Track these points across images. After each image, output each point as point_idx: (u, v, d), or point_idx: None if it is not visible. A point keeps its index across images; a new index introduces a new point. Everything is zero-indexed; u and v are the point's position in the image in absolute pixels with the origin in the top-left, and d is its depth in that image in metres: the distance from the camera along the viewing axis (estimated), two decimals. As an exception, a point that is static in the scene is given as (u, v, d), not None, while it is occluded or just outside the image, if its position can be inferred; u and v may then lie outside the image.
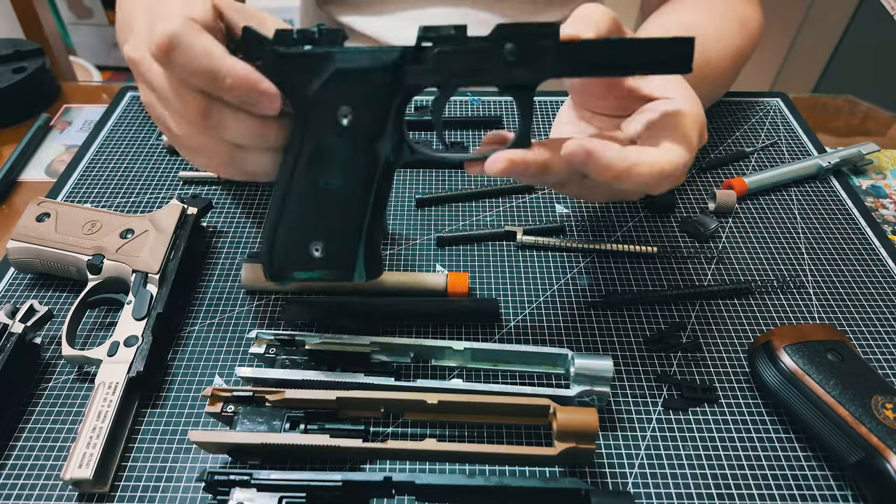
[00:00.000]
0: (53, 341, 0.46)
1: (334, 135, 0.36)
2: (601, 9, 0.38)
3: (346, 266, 0.38)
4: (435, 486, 0.35)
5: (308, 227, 0.37)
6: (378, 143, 0.36)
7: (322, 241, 0.37)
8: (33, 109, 0.67)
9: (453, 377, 0.44)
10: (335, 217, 0.37)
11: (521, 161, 0.35)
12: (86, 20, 1.88)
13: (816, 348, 0.41)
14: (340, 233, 0.37)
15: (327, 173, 0.36)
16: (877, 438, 0.37)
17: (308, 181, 0.36)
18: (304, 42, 0.35)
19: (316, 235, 0.37)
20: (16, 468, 0.39)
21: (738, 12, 0.60)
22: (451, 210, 0.56)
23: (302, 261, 0.38)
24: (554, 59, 0.35)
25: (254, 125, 0.36)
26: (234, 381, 0.43)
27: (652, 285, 0.50)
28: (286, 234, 0.38)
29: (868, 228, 0.55)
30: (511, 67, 0.35)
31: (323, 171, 0.36)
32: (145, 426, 0.41)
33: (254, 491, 0.35)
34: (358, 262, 0.38)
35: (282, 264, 0.38)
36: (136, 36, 0.37)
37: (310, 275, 0.38)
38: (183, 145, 0.38)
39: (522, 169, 0.35)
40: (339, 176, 0.36)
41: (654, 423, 0.41)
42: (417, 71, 0.35)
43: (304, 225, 0.37)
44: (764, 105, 0.69)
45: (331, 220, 0.37)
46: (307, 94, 0.35)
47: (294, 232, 0.38)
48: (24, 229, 0.47)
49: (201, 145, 0.37)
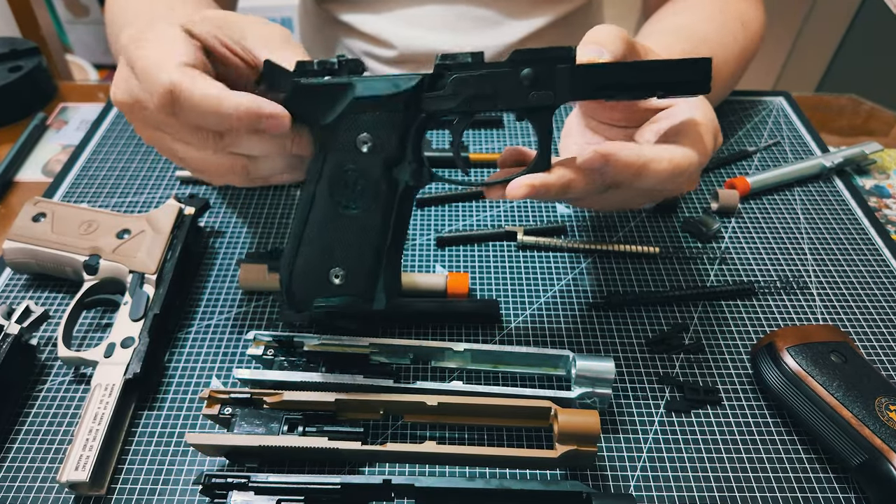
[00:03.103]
0: (49, 342, 0.45)
1: (354, 162, 0.36)
2: (614, 31, 0.37)
3: (366, 293, 0.37)
4: (435, 488, 0.35)
5: (328, 254, 0.37)
6: (397, 169, 0.36)
7: (342, 268, 0.37)
8: (29, 108, 0.67)
9: (453, 379, 0.44)
10: (355, 243, 0.37)
11: (542, 186, 0.35)
12: (82, 19, 1.88)
13: (820, 349, 0.40)
14: (360, 259, 0.37)
15: (347, 199, 0.36)
16: (880, 440, 0.36)
17: (328, 208, 0.37)
18: (324, 73, 0.36)
19: (336, 262, 0.37)
20: (11, 470, 0.39)
21: (740, 13, 0.59)
22: (451, 210, 0.56)
23: (322, 288, 0.37)
24: (570, 83, 0.35)
25: (267, 139, 0.36)
26: (232, 382, 0.43)
27: (654, 286, 0.50)
28: (306, 261, 0.37)
29: (871, 228, 0.55)
30: (528, 91, 0.35)
31: (343, 198, 0.36)
32: (142, 428, 0.41)
33: (251, 494, 0.34)
34: (378, 288, 0.37)
35: (302, 292, 0.38)
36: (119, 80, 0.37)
37: (329, 301, 0.38)
38: (195, 168, 0.38)
39: (544, 192, 0.35)
40: (359, 202, 0.36)
41: (656, 426, 0.41)
42: (435, 97, 0.36)
43: (324, 251, 0.37)
44: (767, 104, 0.68)
45: (351, 246, 0.37)
46: (327, 122, 0.36)
47: (314, 259, 0.37)
48: (21, 229, 0.47)
49: (216, 165, 0.37)
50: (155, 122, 0.36)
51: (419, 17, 0.72)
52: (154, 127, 0.37)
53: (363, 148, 0.36)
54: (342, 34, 0.78)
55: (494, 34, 0.72)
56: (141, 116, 0.37)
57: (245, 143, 0.36)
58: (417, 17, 0.72)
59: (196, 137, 0.36)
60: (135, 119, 0.37)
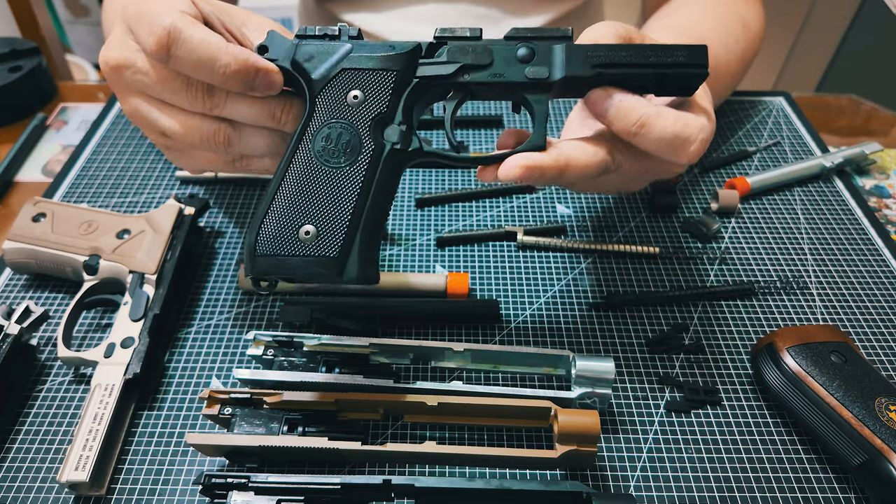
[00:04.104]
0: (49, 343, 0.45)
1: (342, 115, 0.36)
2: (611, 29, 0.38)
3: (336, 260, 0.34)
4: (435, 488, 0.35)
5: (301, 208, 0.35)
6: (385, 128, 0.36)
7: (314, 225, 0.34)
8: (29, 109, 0.67)
9: (453, 379, 0.44)
10: (331, 200, 0.35)
11: (537, 167, 0.34)
12: (83, 18, 1.88)
13: (820, 350, 0.40)
14: (334, 218, 0.35)
15: (330, 154, 0.36)
16: (880, 440, 0.36)
17: (309, 160, 0.36)
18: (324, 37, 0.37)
19: (308, 218, 0.35)
20: (11, 470, 0.39)
21: (741, 14, 0.59)
22: (451, 210, 0.56)
23: (288, 243, 0.34)
24: (565, 61, 0.35)
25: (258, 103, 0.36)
26: (232, 382, 0.43)
27: (654, 286, 0.50)
28: (277, 213, 0.35)
29: (871, 229, 0.55)
30: (523, 66, 0.36)
31: (325, 151, 0.36)
32: (142, 428, 0.41)
33: (251, 494, 0.34)
34: (351, 257, 0.35)
35: (266, 245, 0.35)
36: (112, 42, 0.37)
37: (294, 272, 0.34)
38: (180, 141, 0.38)
39: (538, 175, 0.34)
40: (342, 157, 0.36)
41: (656, 426, 0.41)
42: (430, 64, 0.36)
43: (298, 205, 0.35)
44: (766, 104, 0.68)
45: (326, 202, 0.35)
46: (321, 76, 0.36)
47: (285, 211, 0.35)
48: (21, 229, 0.47)
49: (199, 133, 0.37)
50: (142, 84, 0.36)
51: (420, 14, 0.72)
52: (139, 90, 0.37)
53: (352, 103, 0.36)
54: (343, 33, 0.78)
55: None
56: (128, 79, 0.36)
57: (234, 104, 0.36)
58: (419, 14, 0.72)
59: (185, 94, 0.35)
60: (121, 83, 0.37)
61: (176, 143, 0.38)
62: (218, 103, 0.36)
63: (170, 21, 0.33)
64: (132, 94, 0.37)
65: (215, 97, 0.36)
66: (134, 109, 0.38)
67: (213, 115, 0.37)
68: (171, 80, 0.35)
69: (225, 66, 0.33)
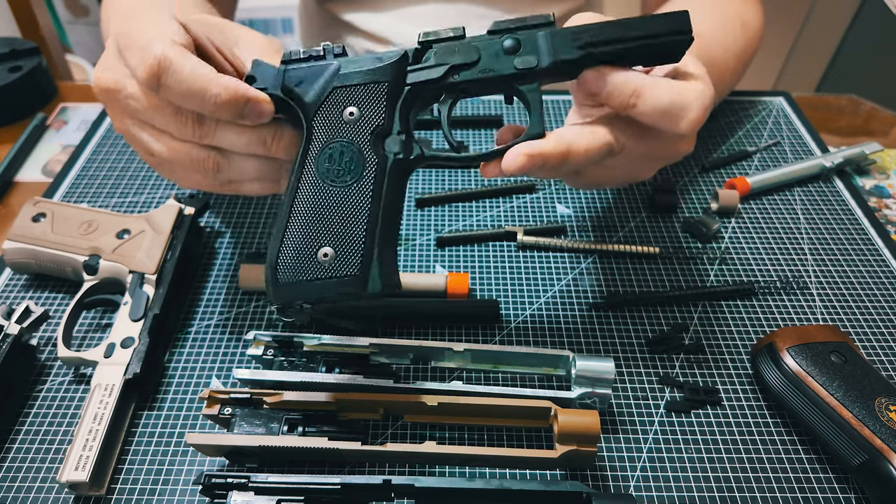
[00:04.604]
0: (49, 343, 0.45)
1: (340, 133, 0.36)
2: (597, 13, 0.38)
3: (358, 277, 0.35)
4: (435, 489, 0.35)
5: (315, 233, 0.35)
6: (385, 140, 0.36)
7: (331, 247, 0.35)
8: (29, 109, 0.67)
9: (453, 379, 0.44)
10: (344, 220, 0.35)
11: (539, 153, 0.35)
12: (82, 19, 1.88)
13: (820, 350, 0.40)
14: (350, 237, 0.35)
15: (335, 173, 0.36)
16: (880, 440, 0.36)
17: (315, 183, 0.36)
18: (309, 60, 0.37)
19: (324, 241, 0.35)
20: (11, 470, 0.39)
21: (740, 13, 0.59)
22: (451, 210, 0.56)
23: (309, 268, 0.35)
24: (551, 46, 0.36)
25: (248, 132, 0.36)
26: (232, 382, 0.43)
27: (654, 286, 0.50)
28: (293, 241, 0.36)
29: (871, 229, 0.55)
30: (511, 57, 0.36)
31: (330, 172, 0.36)
32: (142, 428, 0.41)
33: (251, 494, 0.34)
34: (372, 269, 0.35)
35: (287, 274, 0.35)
36: (106, 63, 0.37)
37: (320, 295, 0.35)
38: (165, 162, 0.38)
39: (541, 162, 0.35)
40: (347, 175, 0.36)
41: (656, 426, 0.41)
42: (419, 69, 0.36)
43: (312, 230, 0.35)
44: (766, 104, 0.68)
45: (339, 223, 0.35)
46: (314, 100, 0.36)
47: (301, 238, 0.36)
48: (21, 229, 0.47)
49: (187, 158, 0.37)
50: (133, 109, 0.36)
51: (421, 15, 0.72)
52: (130, 114, 0.37)
53: (350, 119, 0.36)
54: (344, 33, 0.78)
55: None
56: (120, 102, 0.36)
57: (224, 133, 0.36)
58: (419, 15, 0.72)
59: (174, 122, 0.36)
60: (113, 105, 0.37)
61: (164, 164, 0.38)
62: (208, 132, 0.36)
63: (160, 50, 0.33)
64: (123, 115, 0.38)
65: (205, 126, 0.36)
66: (124, 130, 0.38)
67: (203, 143, 0.37)
68: (162, 107, 0.35)
69: (215, 97, 0.33)
